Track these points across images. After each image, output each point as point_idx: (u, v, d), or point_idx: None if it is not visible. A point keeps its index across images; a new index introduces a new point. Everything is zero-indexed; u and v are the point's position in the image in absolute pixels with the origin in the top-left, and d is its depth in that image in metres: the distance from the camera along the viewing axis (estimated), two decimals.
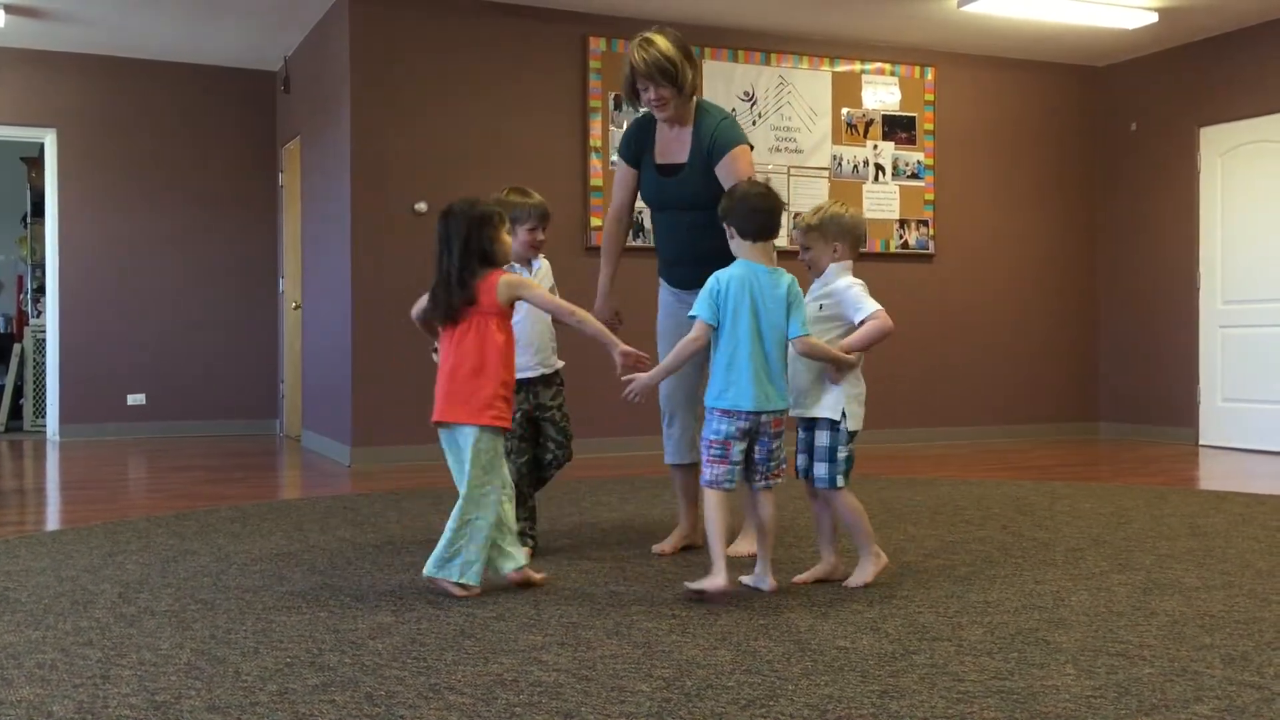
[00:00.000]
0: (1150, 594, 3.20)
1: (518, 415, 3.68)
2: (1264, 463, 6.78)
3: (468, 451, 3.14)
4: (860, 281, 3.27)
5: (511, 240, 3.57)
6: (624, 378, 3.21)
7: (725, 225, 3.23)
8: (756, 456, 3.16)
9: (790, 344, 3.16)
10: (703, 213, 3.57)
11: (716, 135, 3.68)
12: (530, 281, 3.28)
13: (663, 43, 3.65)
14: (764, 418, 3.12)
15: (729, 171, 3.63)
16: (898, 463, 6.62)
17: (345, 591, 3.23)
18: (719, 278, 3.15)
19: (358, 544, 3.99)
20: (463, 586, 3.13)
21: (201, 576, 3.43)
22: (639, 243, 7.07)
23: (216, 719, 2.14)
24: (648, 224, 7.14)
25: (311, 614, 2.96)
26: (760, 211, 3.19)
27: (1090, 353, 8.62)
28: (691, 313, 3.19)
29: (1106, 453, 7.36)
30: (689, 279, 3.75)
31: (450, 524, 3.14)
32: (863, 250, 3.41)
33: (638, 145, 3.87)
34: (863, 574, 3.29)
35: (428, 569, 3.15)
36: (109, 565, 3.60)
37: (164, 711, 2.18)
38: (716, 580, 3.07)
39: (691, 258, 3.73)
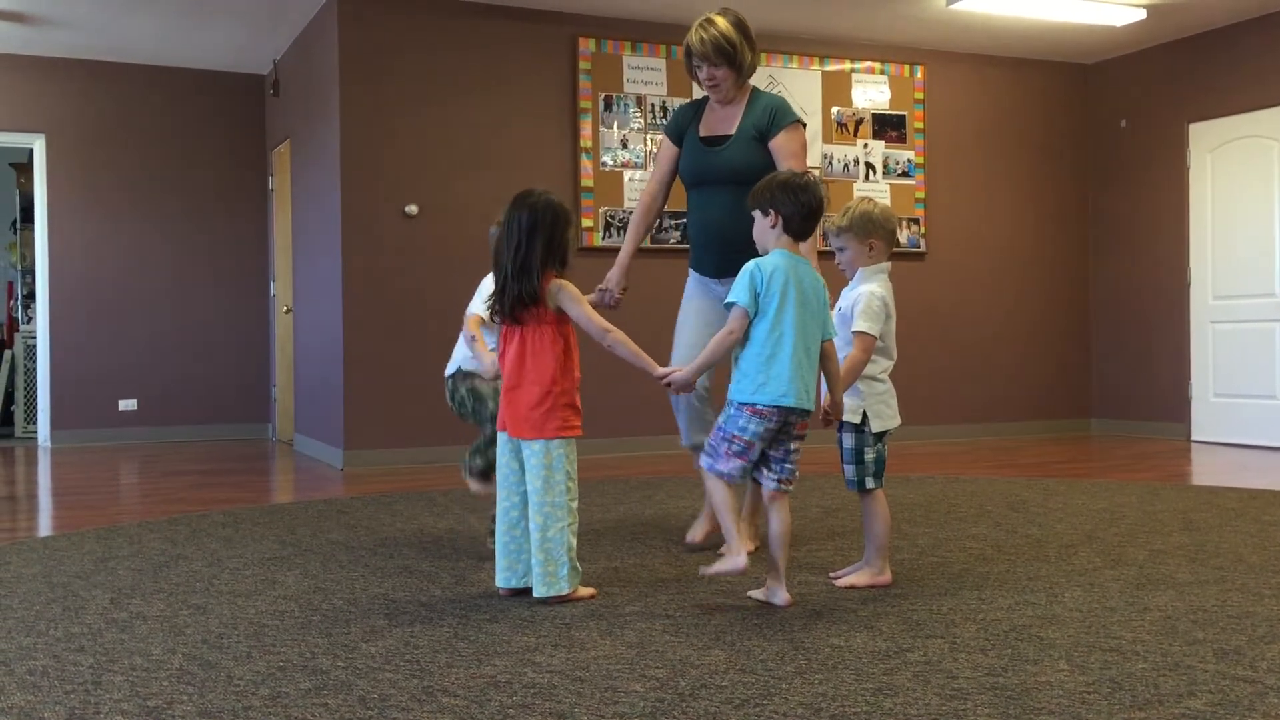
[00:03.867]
0: (1143, 589, 3.20)
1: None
2: (1256, 457, 6.80)
3: (535, 464, 3.09)
4: (883, 294, 3.18)
5: None
6: (661, 376, 3.11)
7: (765, 210, 3.03)
8: (773, 454, 3.02)
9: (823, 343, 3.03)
10: (741, 189, 3.51)
11: (777, 109, 3.76)
12: (577, 293, 3.11)
13: (722, 23, 3.72)
14: (793, 416, 2.97)
15: (786, 145, 3.70)
16: (891, 460, 6.59)
17: (338, 595, 3.22)
18: (761, 265, 2.97)
19: (351, 547, 3.98)
20: (584, 589, 3.14)
21: (194, 581, 3.42)
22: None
23: None
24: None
25: (304, 618, 2.95)
26: (815, 214, 3.03)
27: (1082, 349, 8.63)
28: (729, 299, 2.98)
29: (1099, 449, 7.37)
30: (720, 265, 3.74)
31: (535, 542, 3.07)
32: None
33: (684, 122, 3.91)
34: (857, 575, 3.28)
35: (540, 592, 3.06)
36: (101, 571, 3.59)
37: (156, 716, 2.17)
38: (738, 560, 2.94)
39: (723, 240, 3.70)
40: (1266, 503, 4.81)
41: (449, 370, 3.84)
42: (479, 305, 3.59)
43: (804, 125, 3.81)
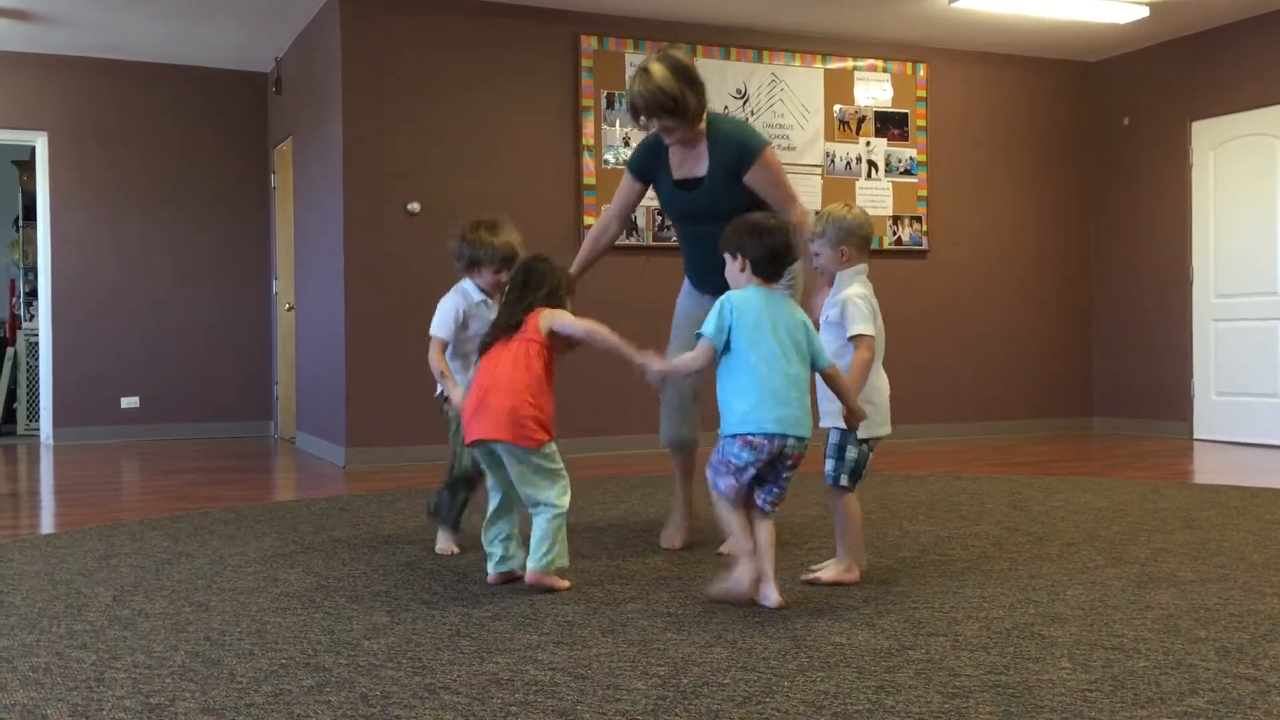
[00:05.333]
0: (1145, 588, 3.20)
1: None
2: (1258, 456, 6.80)
3: (538, 470, 3.16)
4: (866, 294, 3.20)
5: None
6: (640, 365, 3.16)
7: (734, 254, 3.08)
8: (768, 478, 3.03)
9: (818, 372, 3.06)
10: (724, 224, 3.48)
11: (742, 145, 3.67)
12: (564, 313, 3.27)
13: (659, 73, 3.56)
14: (789, 446, 2.97)
15: (766, 178, 3.65)
16: (892, 458, 6.62)
17: (340, 592, 3.22)
18: (731, 298, 3.03)
19: (352, 545, 3.98)
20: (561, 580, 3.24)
21: (196, 579, 3.43)
22: (631, 241, 7.08)
23: None
24: (640, 222, 7.17)
25: (306, 615, 2.95)
26: (781, 256, 3.07)
27: (1084, 347, 8.63)
28: (699, 331, 3.05)
29: (1100, 447, 7.37)
30: (714, 290, 3.73)
31: (544, 518, 3.16)
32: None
33: (650, 162, 3.84)
34: (826, 571, 3.28)
35: (537, 564, 3.15)
36: (103, 568, 3.59)
37: (159, 714, 2.17)
38: (742, 579, 2.98)
39: (711, 270, 3.66)
40: (1269, 501, 4.81)
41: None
42: (441, 329, 3.61)
43: (770, 145, 3.71)
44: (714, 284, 3.76)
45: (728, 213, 3.46)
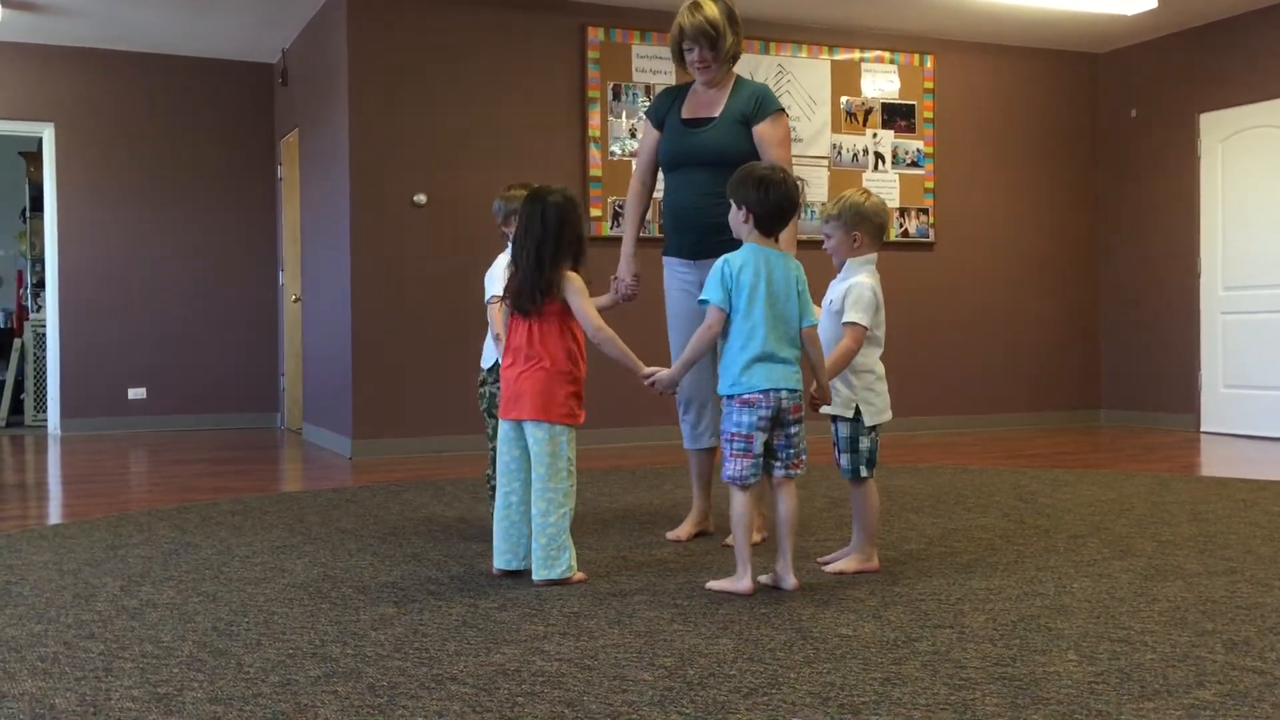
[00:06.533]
0: (1152, 580, 3.20)
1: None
2: (1265, 449, 6.78)
3: (540, 450, 3.15)
4: (873, 284, 3.21)
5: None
6: (646, 376, 3.22)
7: (739, 204, 3.10)
8: (777, 443, 3.06)
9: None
10: (720, 170, 3.51)
11: (762, 97, 3.82)
12: (582, 287, 3.19)
13: (710, 8, 3.78)
14: (784, 401, 3.02)
15: (771, 133, 3.76)
16: (899, 451, 6.62)
17: (347, 583, 3.23)
18: (730, 260, 3.06)
19: (359, 535, 3.99)
20: (577, 573, 3.20)
21: (203, 569, 3.44)
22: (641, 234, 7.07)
23: (219, 710, 2.14)
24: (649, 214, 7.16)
25: (313, 606, 2.96)
26: (784, 213, 3.10)
27: (1091, 340, 8.61)
28: (702, 297, 3.09)
29: (1108, 440, 7.36)
30: (695, 247, 3.79)
31: (536, 526, 3.15)
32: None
33: (665, 105, 3.96)
34: (846, 562, 3.32)
35: (541, 576, 3.14)
36: (111, 558, 3.60)
37: (166, 703, 2.18)
38: (742, 583, 3.03)
39: (699, 222, 3.76)
40: (1276, 494, 4.80)
41: (486, 363, 3.85)
42: (498, 286, 3.59)
43: (786, 114, 3.86)
44: (692, 244, 3.81)
45: (726, 157, 3.58)
